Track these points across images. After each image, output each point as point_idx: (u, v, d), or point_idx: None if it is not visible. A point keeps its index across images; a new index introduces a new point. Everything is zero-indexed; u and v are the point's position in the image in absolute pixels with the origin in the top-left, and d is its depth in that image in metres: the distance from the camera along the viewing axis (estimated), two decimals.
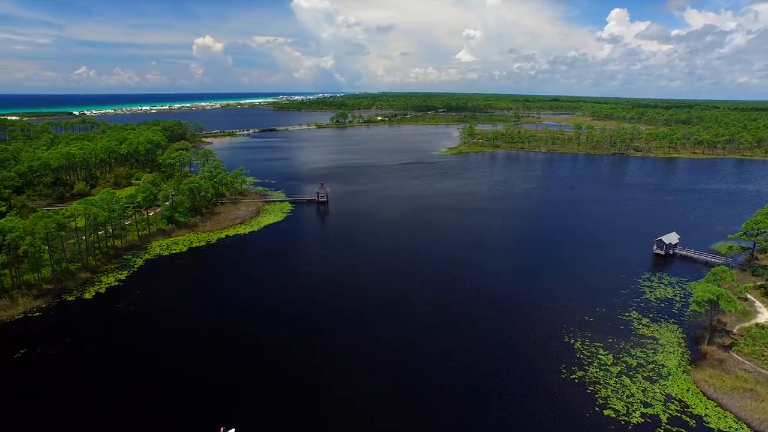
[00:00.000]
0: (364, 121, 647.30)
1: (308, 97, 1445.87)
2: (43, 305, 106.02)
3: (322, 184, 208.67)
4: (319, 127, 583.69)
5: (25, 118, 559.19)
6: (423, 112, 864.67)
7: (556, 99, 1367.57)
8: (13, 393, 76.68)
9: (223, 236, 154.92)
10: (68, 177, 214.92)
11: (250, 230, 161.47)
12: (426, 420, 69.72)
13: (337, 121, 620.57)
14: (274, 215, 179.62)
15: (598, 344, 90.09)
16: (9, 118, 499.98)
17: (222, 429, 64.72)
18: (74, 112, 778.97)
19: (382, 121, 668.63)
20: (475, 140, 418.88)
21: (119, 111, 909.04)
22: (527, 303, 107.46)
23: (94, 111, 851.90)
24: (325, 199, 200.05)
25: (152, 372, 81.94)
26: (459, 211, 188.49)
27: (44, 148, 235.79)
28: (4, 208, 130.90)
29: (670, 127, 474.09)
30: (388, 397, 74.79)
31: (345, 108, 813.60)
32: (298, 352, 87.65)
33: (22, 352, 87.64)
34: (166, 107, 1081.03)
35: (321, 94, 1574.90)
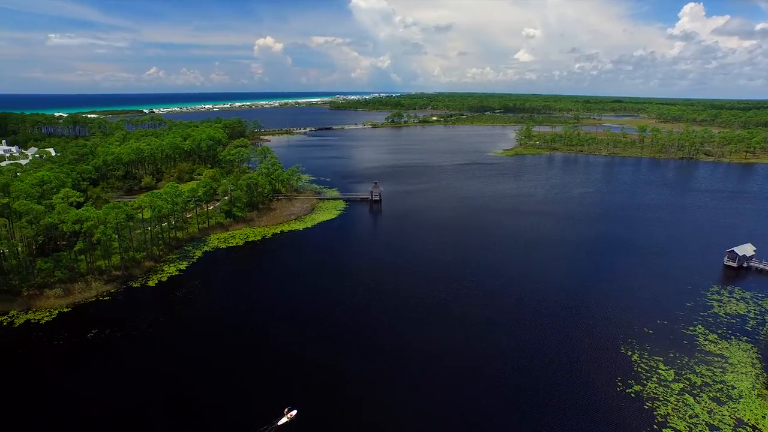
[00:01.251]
0: (419, 121, 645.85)
1: (364, 96, 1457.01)
2: (112, 290, 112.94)
3: (375, 183, 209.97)
4: (374, 126, 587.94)
5: (102, 116, 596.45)
6: (479, 112, 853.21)
7: (618, 100, 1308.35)
8: (85, 367, 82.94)
9: (278, 231, 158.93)
10: (137, 171, 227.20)
11: (304, 227, 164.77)
12: (478, 424, 68.65)
13: (393, 121, 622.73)
14: (327, 212, 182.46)
15: (657, 358, 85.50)
16: (89, 116, 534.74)
17: (286, 409, 69.46)
18: (144, 110, 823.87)
19: (437, 121, 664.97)
20: (532, 142, 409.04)
21: (184, 109, 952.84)
22: (583, 310, 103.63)
23: (162, 109, 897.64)
24: (378, 198, 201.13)
25: (210, 355, 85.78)
26: (513, 214, 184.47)
27: (117, 143, 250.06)
28: (81, 199, 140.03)
29: (749, 130, 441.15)
30: (436, 402, 74.24)
31: (401, 108, 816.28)
32: (349, 346, 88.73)
33: (94, 332, 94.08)
34: (228, 105, 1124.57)
35: (377, 94, 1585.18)
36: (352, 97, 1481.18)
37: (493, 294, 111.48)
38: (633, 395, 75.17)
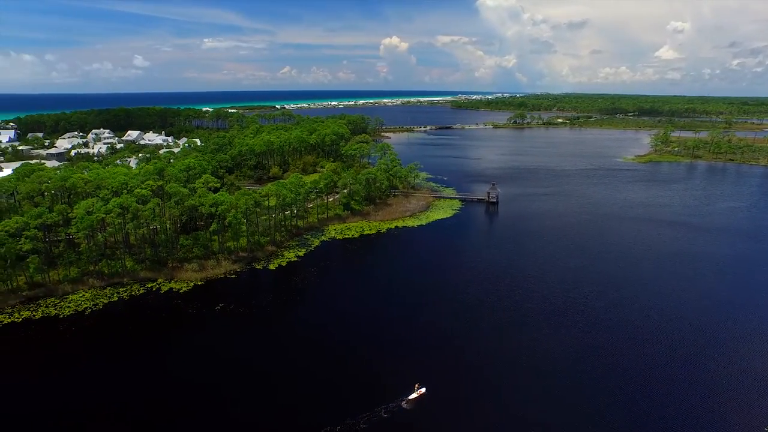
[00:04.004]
0: (543, 123, 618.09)
1: (487, 96, 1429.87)
2: (238, 269, 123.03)
3: (493, 184, 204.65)
4: (495, 126, 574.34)
5: (240, 111, 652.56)
6: (610, 115, 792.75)
7: None
8: (211, 337, 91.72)
9: (393, 227, 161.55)
10: (266, 161, 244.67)
11: (419, 224, 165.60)
12: None
13: (515, 122, 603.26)
14: (443, 211, 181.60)
15: None
16: (230, 110, 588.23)
17: (416, 385, 73.99)
18: (276, 106, 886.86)
19: (562, 123, 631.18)
20: (669, 148, 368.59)
21: (312, 105, 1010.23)
22: (723, 338, 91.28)
23: (292, 105, 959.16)
24: (495, 200, 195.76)
25: (323, 338, 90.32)
26: (644, 223, 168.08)
27: (251, 136, 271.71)
28: (218, 185, 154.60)
29: None
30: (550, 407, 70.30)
31: (524, 108, 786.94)
32: (458, 344, 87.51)
33: (220, 305, 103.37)
34: (352, 103, 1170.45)
35: (500, 94, 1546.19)
36: (475, 97, 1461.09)
37: (609, 309, 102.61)
38: None
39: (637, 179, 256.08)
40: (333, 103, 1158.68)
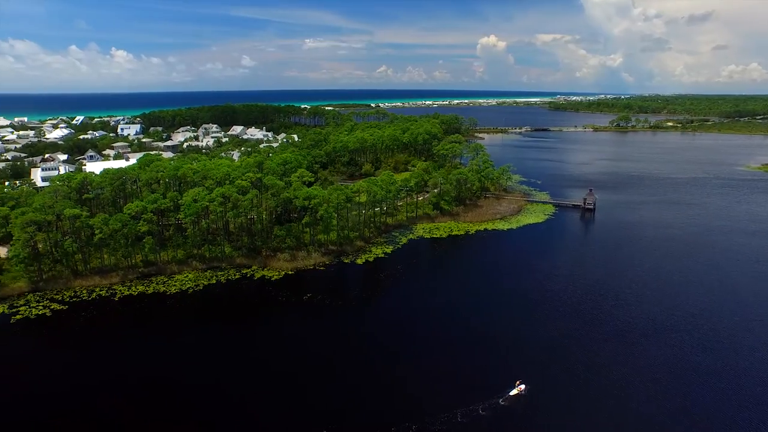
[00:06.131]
0: (650, 127, 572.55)
1: (588, 97, 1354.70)
2: (327, 262, 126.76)
3: (590, 190, 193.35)
4: (595, 130, 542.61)
5: (336, 109, 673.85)
6: (732, 118, 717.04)
7: None
8: (298, 324, 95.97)
9: (482, 229, 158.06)
10: (359, 158, 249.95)
11: (509, 227, 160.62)
12: None
13: (618, 125, 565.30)
14: (534, 215, 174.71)
15: None
16: (326, 108, 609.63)
17: (518, 381, 74.00)
18: (371, 104, 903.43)
19: (673, 127, 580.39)
20: None
21: (406, 104, 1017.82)
22: None
23: (386, 104, 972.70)
24: (592, 207, 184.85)
25: (411, 333, 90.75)
26: (766, 240, 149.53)
27: (346, 133, 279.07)
28: (312, 179, 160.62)
29: None
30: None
31: (629, 111, 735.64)
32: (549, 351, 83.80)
33: (309, 295, 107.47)
34: (447, 102, 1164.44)
35: (602, 95, 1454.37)
36: (574, 98, 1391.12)
37: (728, 330, 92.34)
38: None
39: (762, 190, 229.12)
40: (427, 102, 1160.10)
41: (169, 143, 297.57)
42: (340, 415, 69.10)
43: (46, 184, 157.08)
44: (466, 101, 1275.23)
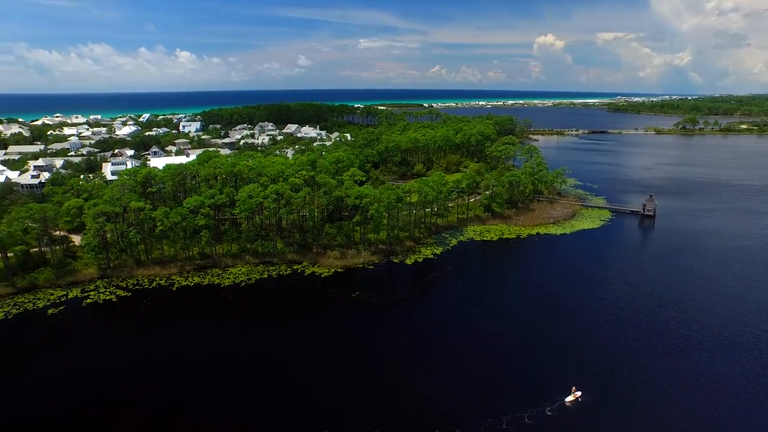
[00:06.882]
0: (720, 129, 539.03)
1: (651, 98, 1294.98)
2: (376, 261, 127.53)
3: (651, 196, 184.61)
4: (658, 132, 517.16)
5: (389, 108, 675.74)
6: None
7: None
8: (347, 321, 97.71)
9: (534, 233, 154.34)
10: (411, 158, 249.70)
11: (562, 232, 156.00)
12: None
13: (683, 127, 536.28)
14: (589, 221, 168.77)
15: None
16: (379, 107, 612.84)
17: (573, 388, 72.74)
18: (424, 104, 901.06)
19: (747, 129, 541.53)
20: None
21: (459, 105, 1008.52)
22: None
23: (439, 104, 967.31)
24: (651, 214, 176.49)
25: (460, 335, 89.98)
26: None
27: (398, 132, 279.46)
28: (364, 178, 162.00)
29: None
30: None
31: (696, 112, 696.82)
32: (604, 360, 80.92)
33: (357, 293, 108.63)
34: (501, 103, 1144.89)
35: (667, 96, 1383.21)
36: (636, 99, 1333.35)
37: None
38: None
39: None
40: (481, 102, 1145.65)
41: (226, 140, 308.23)
42: (380, 415, 69.40)
43: (115, 177, 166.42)
44: (520, 102, 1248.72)
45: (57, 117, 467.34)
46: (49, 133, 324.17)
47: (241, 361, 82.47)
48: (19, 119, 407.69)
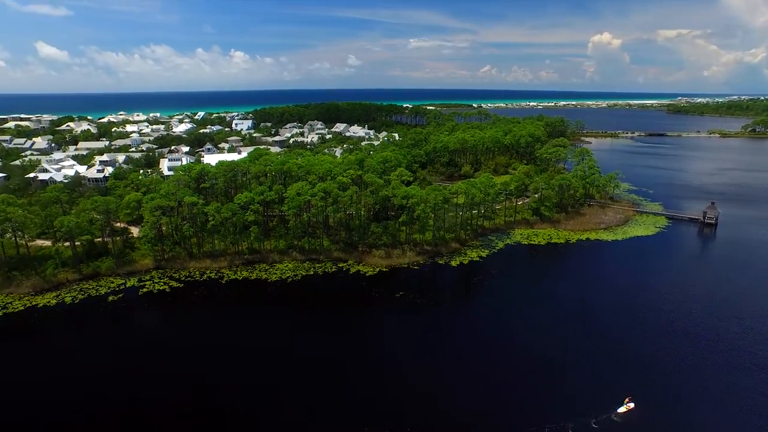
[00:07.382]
0: None
1: (716, 99, 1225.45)
2: (421, 261, 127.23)
3: (712, 203, 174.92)
4: (723, 135, 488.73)
5: (438, 108, 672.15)
6: None
7: None
8: (390, 320, 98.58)
9: (584, 238, 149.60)
10: (459, 159, 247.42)
11: (613, 238, 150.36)
12: None
13: (753, 130, 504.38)
14: (644, 227, 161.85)
15: None
16: (428, 107, 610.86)
17: (627, 399, 71.15)
18: (473, 105, 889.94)
19: None
20: None
21: (509, 105, 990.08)
22: None
23: (489, 104, 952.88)
24: (713, 221, 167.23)
25: (506, 340, 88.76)
26: None
27: (446, 133, 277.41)
28: (411, 178, 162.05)
29: None
30: None
31: None
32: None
33: (401, 293, 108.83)
34: (552, 104, 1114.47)
35: (735, 96, 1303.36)
36: (699, 100, 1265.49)
37: None
38: None
39: None
40: (531, 103, 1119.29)
41: (277, 138, 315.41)
42: (419, 417, 69.18)
43: (171, 173, 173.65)
44: (573, 103, 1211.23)
45: (121, 115, 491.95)
46: (113, 130, 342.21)
47: (280, 350, 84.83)
48: (88, 117, 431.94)
